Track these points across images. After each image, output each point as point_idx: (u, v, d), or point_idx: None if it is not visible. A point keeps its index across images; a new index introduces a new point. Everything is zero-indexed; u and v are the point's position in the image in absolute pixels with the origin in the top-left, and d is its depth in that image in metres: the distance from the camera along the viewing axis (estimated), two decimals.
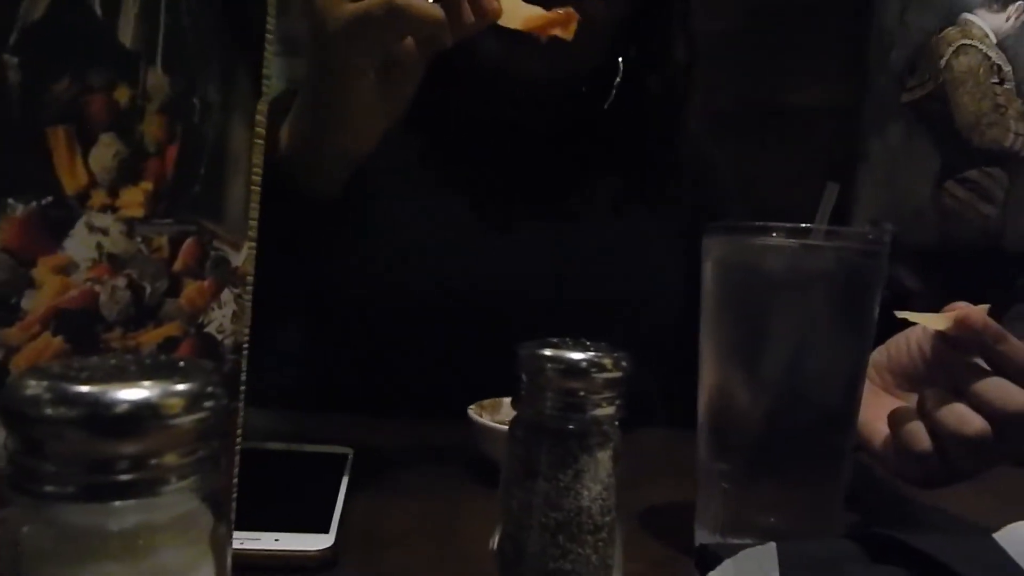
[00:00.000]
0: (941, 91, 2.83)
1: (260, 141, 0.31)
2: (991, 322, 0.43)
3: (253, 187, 0.31)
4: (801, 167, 2.99)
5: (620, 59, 0.70)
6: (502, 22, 0.49)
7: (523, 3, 0.52)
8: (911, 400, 0.48)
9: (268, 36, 0.31)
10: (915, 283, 2.21)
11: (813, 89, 2.93)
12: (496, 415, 0.56)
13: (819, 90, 2.92)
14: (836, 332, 0.41)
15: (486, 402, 0.57)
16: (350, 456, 0.52)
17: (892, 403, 0.48)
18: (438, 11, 0.44)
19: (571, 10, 0.54)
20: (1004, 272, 2.72)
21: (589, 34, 0.60)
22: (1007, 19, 2.71)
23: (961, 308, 0.44)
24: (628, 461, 0.31)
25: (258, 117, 0.31)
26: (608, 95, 0.70)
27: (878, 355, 0.50)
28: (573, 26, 0.53)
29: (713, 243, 0.43)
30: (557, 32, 0.53)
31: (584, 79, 0.71)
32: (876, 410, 0.48)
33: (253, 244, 0.31)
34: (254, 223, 0.31)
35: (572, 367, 0.27)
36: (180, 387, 0.17)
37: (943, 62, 2.79)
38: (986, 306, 0.44)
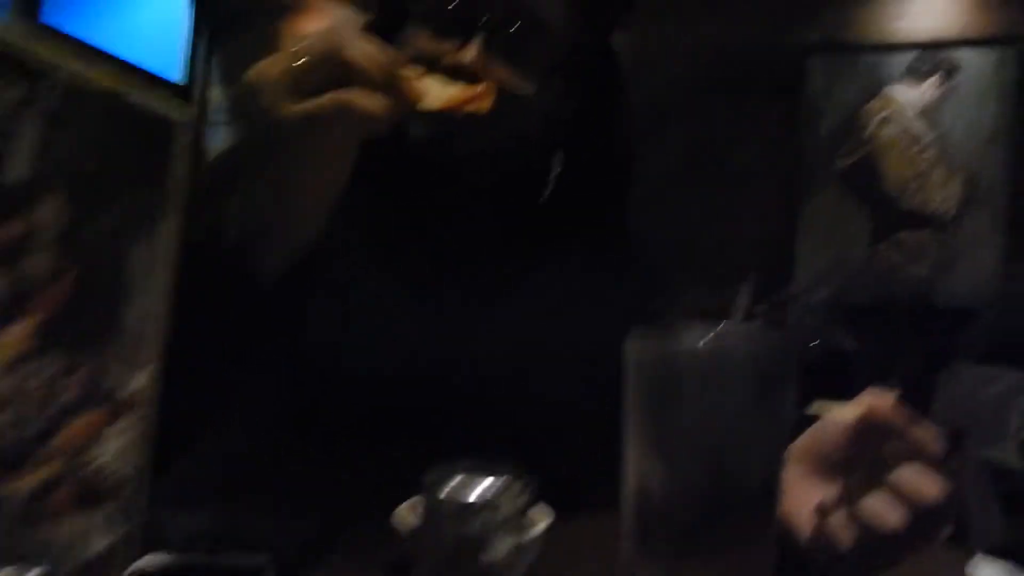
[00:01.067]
0: (869, 159, 2.98)
1: (168, 257, 0.31)
2: (900, 410, 0.44)
3: (158, 307, 0.31)
4: (738, 231, 3.09)
5: (558, 154, 0.71)
6: (422, 105, 0.50)
7: (441, 84, 0.54)
8: (837, 485, 0.48)
9: (176, 154, 0.31)
10: (852, 343, 2.28)
11: (748, 155, 3.05)
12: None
13: (754, 156, 3.05)
14: (753, 431, 0.42)
15: (417, 499, 0.55)
16: (265, 568, 0.50)
17: (818, 489, 0.49)
18: (382, 105, 0.46)
19: (489, 84, 0.55)
20: (938, 327, 2.84)
21: (512, 111, 0.61)
22: (925, 91, 2.90)
23: (870, 398, 0.45)
24: (552, 558, 0.30)
25: (164, 235, 0.31)
26: (544, 188, 0.70)
27: (802, 440, 0.51)
28: (490, 98, 0.55)
29: (631, 348, 0.44)
30: (474, 107, 0.54)
31: (518, 167, 0.71)
32: (802, 498, 0.48)
33: (151, 367, 0.31)
34: (158, 344, 0.31)
35: (466, 510, 0.26)
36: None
37: (869, 132, 2.95)
38: (895, 392, 0.45)
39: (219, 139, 3.89)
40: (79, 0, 3.48)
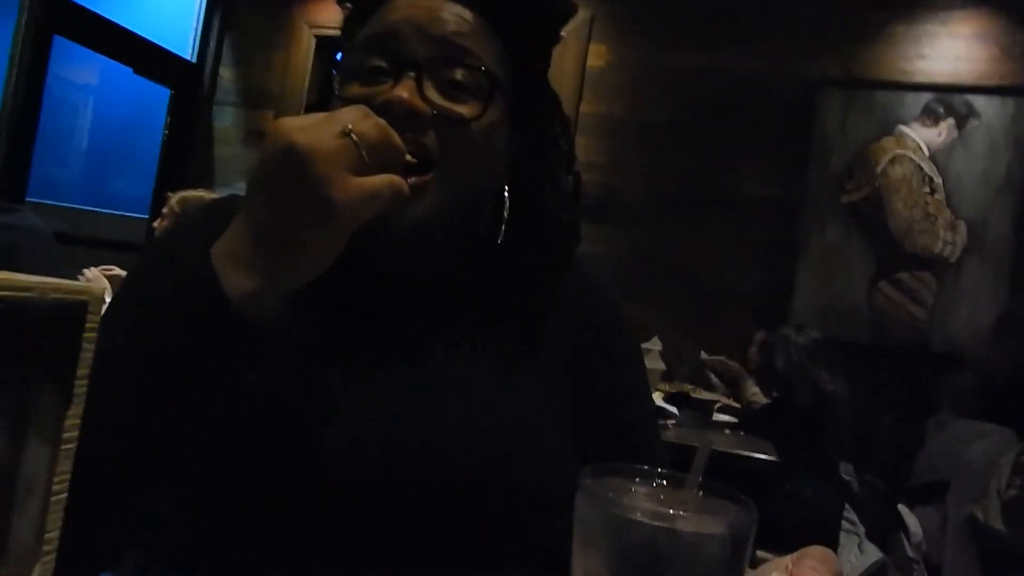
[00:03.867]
0: (877, 196, 2.95)
1: (68, 448, 0.29)
2: None
3: (54, 500, 0.29)
4: (742, 255, 3.06)
5: (506, 192, 0.68)
6: None
7: None
8: None
9: (88, 335, 0.29)
10: (838, 386, 2.25)
11: (757, 182, 3.03)
12: None
13: (763, 183, 3.02)
14: None
15: None
16: None
17: None
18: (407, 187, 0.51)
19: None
20: (931, 372, 2.82)
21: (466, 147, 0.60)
22: (939, 134, 2.86)
23: (799, 566, 0.43)
24: None
25: (68, 423, 0.29)
26: (499, 230, 0.67)
27: None
28: None
29: (580, 502, 0.42)
30: None
31: (466, 219, 0.68)
32: None
33: (50, 558, 0.29)
34: (53, 535, 0.29)
35: None
36: None
37: (879, 169, 2.91)
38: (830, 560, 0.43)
39: (227, 118, 3.88)
40: None
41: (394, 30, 0.59)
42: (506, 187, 0.67)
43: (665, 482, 0.44)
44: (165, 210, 2.31)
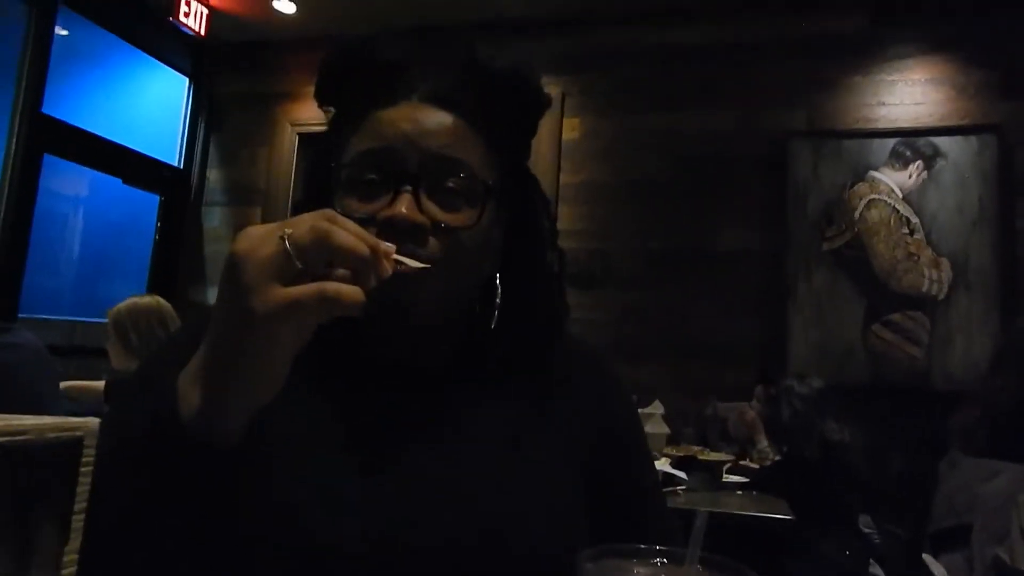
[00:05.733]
0: (858, 240, 3.00)
1: None
2: None
3: None
4: (734, 307, 3.09)
5: (498, 279, 0.70)
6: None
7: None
8: None
9: (84, 468, 0.30)
10: (844, 435, 2.23)
11: (741, 234, 3.08)
12: None
13: (746, 235, 3.07)
14: None
15: None
16: None
17: None
18: (360, 294, 0.47)
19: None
20: (933, 411, 2.79)
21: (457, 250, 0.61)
22: (909, 176, 2.94)
23: None
24: None
25: (66, 559, 0.29)
26: (492, 315, 0.69)
27: None
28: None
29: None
30: None
31: (463, 306, 0.70)
32: None
33: None
34: None
35: None
36: None
37: (856, 214, 2.97)
38: None
39: (215, 218, 3.95)
40: (80, 90, 3.57)
41: (388, 146, 0.62)
42: (498, 274, 0.70)
43: (665, 559, 0.44)
44: (107, 325, 2.32)
